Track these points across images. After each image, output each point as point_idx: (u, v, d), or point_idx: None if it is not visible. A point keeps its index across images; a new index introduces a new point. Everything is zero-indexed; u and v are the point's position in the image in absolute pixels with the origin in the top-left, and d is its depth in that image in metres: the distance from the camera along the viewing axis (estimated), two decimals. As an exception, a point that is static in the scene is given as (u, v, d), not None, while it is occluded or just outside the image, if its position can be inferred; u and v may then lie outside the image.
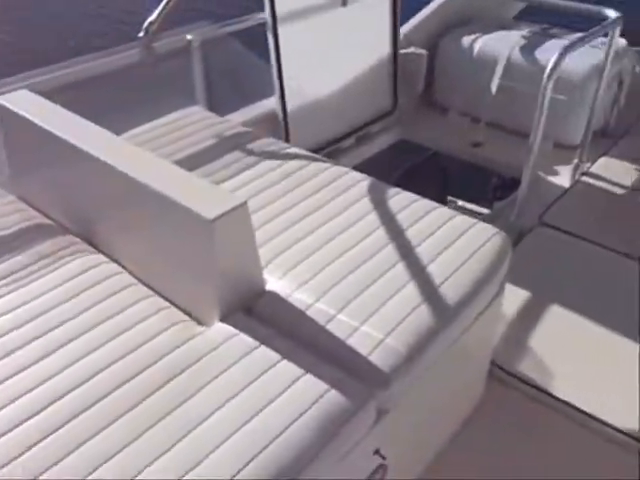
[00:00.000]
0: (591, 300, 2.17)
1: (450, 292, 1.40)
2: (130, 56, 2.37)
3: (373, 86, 3.00)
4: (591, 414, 1.78)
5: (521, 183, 2.42)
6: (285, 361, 1.21)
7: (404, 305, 1.35)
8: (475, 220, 1.63)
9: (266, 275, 1.43)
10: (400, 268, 1.45)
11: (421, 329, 1.31)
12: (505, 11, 3.79)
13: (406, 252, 1.50)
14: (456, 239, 1.55)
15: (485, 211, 3.61)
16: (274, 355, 1.22)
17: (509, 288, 1.71)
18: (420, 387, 1.38)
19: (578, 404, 1.80)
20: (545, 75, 2.14)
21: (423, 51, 3.19)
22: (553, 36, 3.12)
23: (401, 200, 1.69)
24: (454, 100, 3.33)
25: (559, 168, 2.90)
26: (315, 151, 2.80)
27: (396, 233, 1.57)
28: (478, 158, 3.12)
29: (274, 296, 1.39)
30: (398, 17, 2.95)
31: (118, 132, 1.66)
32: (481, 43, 3.16)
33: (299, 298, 1.37)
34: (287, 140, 2.53)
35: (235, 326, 1.30)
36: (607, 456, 1.72)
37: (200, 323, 1.33)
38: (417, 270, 1.45)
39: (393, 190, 1.74)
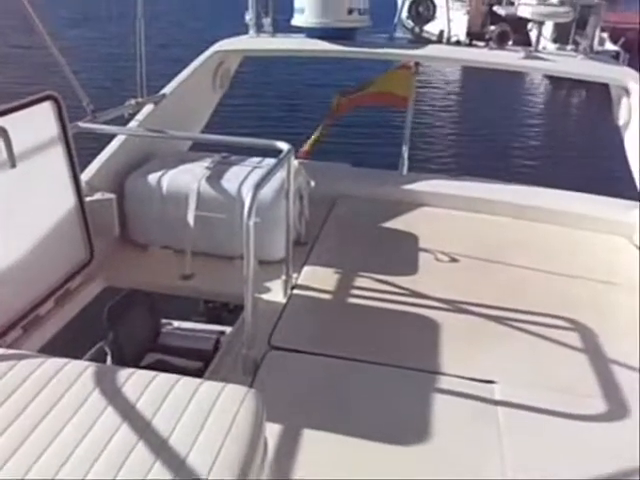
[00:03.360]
0: (342, 415, 2.23)
1: (222, 475, 1.27)
2: None
3: (63, 241, 2.76)
4: None
5: (244, 310, 2.43)
6: None
7: None
8: (222, 384, 1.53)
9: None
10: (159, 467, 1.26)
11: None
12: (181, 144, 3.93)
13: (161, 444, 1.32)
14: (210, 411, 1.43)
15: (208, 328, 3.57)
16: None
17: None
18: None
19: None
20: (246, 211, 2.20)
21: (111, 195, 3.08)
22: (233, 163, 3.31)
23: (139, 381, 1.51)
24: (153, 237, 3.26)
25: (271, 285, 3.01)
26: (11, 326, 2.42)
27: (144, 423, 1.38)
28: (191, 290, 3.07)
29: None
30: (76, 166, 2.79)
31: None
32: (168, 178, 3.18)
33: None
34: None
35: None
36: None
37: None
38: (179, 462, 1.28)
39: (126, 372, 1.55)
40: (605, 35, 18.10)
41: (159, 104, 3.67)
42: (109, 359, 2.92)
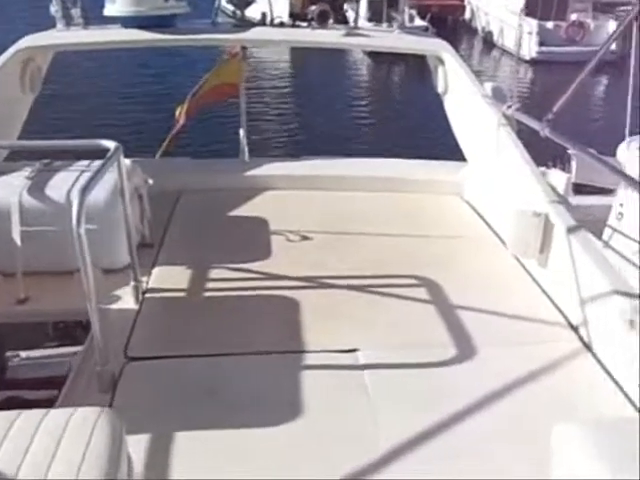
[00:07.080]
0: (213, 412, 2.14)
1: None
2: None
3: None
4: None
5: (92, 325, 2.24)
6: None
7: None
8: (71, 409, 1.40)
9: None
10: None
11: None
12: None
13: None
14: (59, 441, 1.29)
15: (60, 351, 3.26)
16: None
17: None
18: None
19: None
20: (74, 219, 2.01)
21: None
22: (57, 169, 3.02)
23: None
24: None
25: (120, 293, 2.81)
26: None
27: None
28: (31, 314, 2.78)
29: None
30: None
31: None
32: None
33: None
34: None
35: None
36: None
37: None
38: None
39: None
40: (413, 12, 19.34)
41: None
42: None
